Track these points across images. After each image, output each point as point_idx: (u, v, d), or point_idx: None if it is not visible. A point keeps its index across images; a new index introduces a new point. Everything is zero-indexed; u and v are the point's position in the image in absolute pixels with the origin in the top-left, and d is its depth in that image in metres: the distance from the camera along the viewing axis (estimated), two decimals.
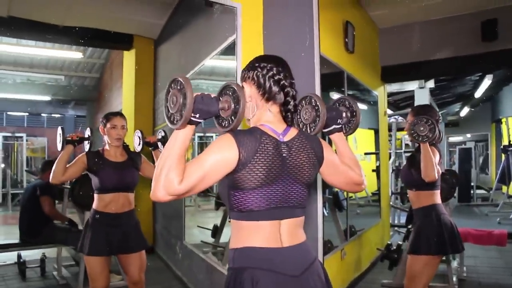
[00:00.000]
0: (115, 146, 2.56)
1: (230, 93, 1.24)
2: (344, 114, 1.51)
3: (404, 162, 6.37)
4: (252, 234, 1.22)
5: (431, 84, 6.43)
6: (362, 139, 8.08)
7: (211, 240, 4.37)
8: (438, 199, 2.47)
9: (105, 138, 2.58)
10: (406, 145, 8.84)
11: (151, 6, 4.61)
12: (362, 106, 5.42)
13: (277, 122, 1.31)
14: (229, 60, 2.89)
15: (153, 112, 5.30)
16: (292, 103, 1.31)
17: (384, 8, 4.50)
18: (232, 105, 1.23)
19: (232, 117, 1.23)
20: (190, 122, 1.16)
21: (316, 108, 1.41)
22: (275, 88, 1.30)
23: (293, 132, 1.30)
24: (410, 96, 7.74)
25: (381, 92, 5.09)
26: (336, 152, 1.48)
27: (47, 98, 11.32)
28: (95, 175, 2.49)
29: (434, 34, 4.63)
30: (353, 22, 3.65)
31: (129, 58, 5.74)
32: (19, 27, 4.53)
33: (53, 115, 13.38)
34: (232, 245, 1.26)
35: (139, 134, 2.78)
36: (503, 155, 8.53)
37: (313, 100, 1.42)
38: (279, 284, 1.19)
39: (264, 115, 1.32)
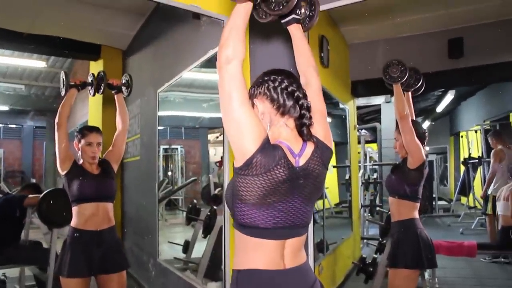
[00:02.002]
0: (91, 163, 2.45)
1: None
2: (303, 10, 1.50)
3: (374, 175, 6.50)
4: (257, 254, 1.17)
5: None
6: None
7: (182, 255, 4.28)
8: (416, 213, 2.52)
9: (80, 154, 2.46)
10: (370, 157, 9.02)
11: (121, 16, 4.51)
12: (329, 120, 5.50)
13: (294, 139, 1.26)
14: (210, 73, 2.85)
15: None
16: (307, 115, 1.26)
17: (354, 24, 4.58)
18: None
19: (285, 2, 1.29)
20: None
21: None
22: (289, 101, 1.26)
23: (309, 149, 1.25)
24: (375, 110, 7.94)
25: (351, 106, 5.17)
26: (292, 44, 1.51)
27: (4, 108, 10.84)
28: (74, 182, 2.37)
29: (403, 51, 4.76)
30: (327, 36, 3.69)
31: (96, 68, 5.57)
32: None
33: (10, 125, 12.82)
34: (236, 265, 1.21)
35: (100, 74, 2.77)
36: (462, 168, 8.83)
37: None
38: None
39: (281, 131, 1.27)
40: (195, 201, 5.00)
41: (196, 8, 2.23)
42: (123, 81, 2.75)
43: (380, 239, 4.10)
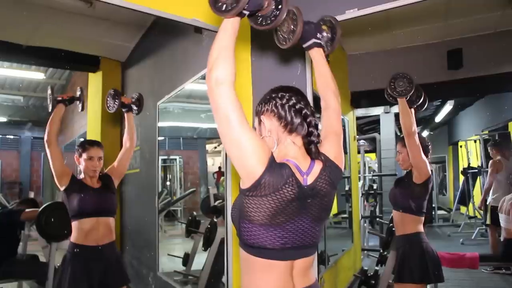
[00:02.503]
0: (91, 176, 2.43)
1: None
2: (325, 33, 1.48)
3: (375, 186, 6.47)
4: (265, 275, 1.15)
5: (396, 109, 6.59)
6: None
7: (181, 268, 4.24)
8: (421, 227, 2.49)
9: (80, 168, 2.44)
10: (369, 167, 9.00)
11: (120, 29, 4.52)
12: None
13: (301, 157, 1.23)
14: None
15: (120, 136, 5.14)
16: (315, 133, 1.24)
17: (353, 35, 4.59)
18: (273, 3, 1.22)
19: (273, 16, 1.23)
20: (240, 14, 1.14)
21: (294, 18, 1.37)
22: (297, 119, 1.23)
23: (317, 168, 1.23)
24: (374, 120, 7.92)
25: (350, 117, 5.17)
26: (313, 67, 1.49)
27: (3, 119, 10.82)
28: (74, 197, 2.34)
29: (402, 62, 4.76)
30: None
31: (95, 80, 5.57)
32: None
33: (7, 136, 12.79)
34: (244, 287, 1.19)
35: (112, 92, 2.71)
36: (461, 177, 8.81)
37: (292, 11, 1.38)
38: None
39: (289, 149, 1.24)
40: (194, 213, 4.97)
41: (198, 22, 2.22)
42: (133, 99, 2.72)
43: (381, 250, 4.07)
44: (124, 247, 4.93)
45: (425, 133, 11.57)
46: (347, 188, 5.52)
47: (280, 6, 1.21)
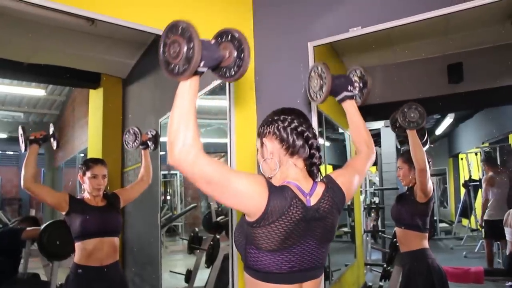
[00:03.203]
0: (95, 195, 2.41)
1: (229, 39, 1.12)
2: (356, 84, 1.48)
3: (374, 199, 6.46)
4: None
5: None
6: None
7: (184, 285, 4.20)
8: (426, 243, 2.48)
9: (84, 186, 2.43)
10: (370, 180, 8.96)
11: (121, 46, 4.53)
12: (326, 144, 5.52)
13: (303, 179, 1.24)
14: (214, 100, 2.87)
15: (122, 153, 5.13)
16: (317, 155, 1.26)
17: (353, 51, 4.61)
18: (234, 52, 1.11)
19: (236, 66, 1.12)
20: (195, 72, 1.06)
21: (322, 75, 1.37)
22: (299, 141, 1.24)
23: (319, 189, 1.24)
24: (374, 134, 7.92)
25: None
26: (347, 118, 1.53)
27: (3, 135, 10.81)
28: (76, 219, 2.30)
29: (402, 77, 4.78)
30: (328, 63, 3.70)
31: (95, 96, 5.58)
32: None
33: (7, 152, 12.76)
34: None
35: (137, 131, 2.67)
36: (462, 189, 8.79)
37: (319, 68, 1.38)
38: None
39: (290, 171, 1.24)
40: (196, 229, 4.93)
41: None
42: (149, 136, 2.71)
43: (385, 265, 4.03)
44: (126, 264, 4.88)
45: (425, 146, 11.54)
46: (349, 203, 5.50)
47: (242, 55, 1.11)
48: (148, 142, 2.75)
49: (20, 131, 2.52)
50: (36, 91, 7.46)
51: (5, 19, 3.75)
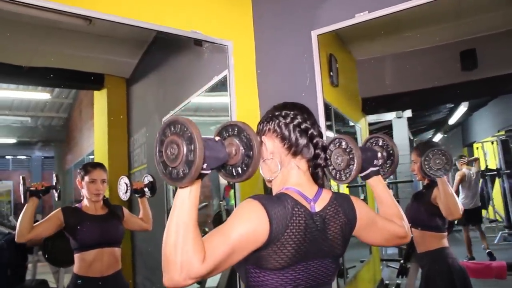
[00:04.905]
0: (95, 201, 2.30)
1: (235, 133, 0.99)
2: (379, 155, 1.31)
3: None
4: None
5: (408, 113, 6.42)
6: None
7: (196, 286, 4.11)
8: (445, 242, 2.33)
9: (83, 192, 2.32)
10: None
11: (122, 45, 4.44)
12: None
13: (306, 184, 1.09)
14: (215, 96, 2.76)
15: (128, 154, 5.05)
16: (322, 155, 1.11)
17: (361, 40, 4.46)
18: (242, 149, 0.98)
19: (244, 165, 0.98)
20: (199, 176, 0.91)
21: (349, 150, 1.20)
22: (302, 140, 1.09)
23: (325, 196, 1.09)
24: (386, 126, 7.74)
25: (362, 124, 5.02)
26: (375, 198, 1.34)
27: (12, 140, 10.85)
28: (74, 232, 2.20)
29: (412, 65, 4.61)
30: (335, 55, 3.56)
31: (100, 98, 5.49)
32: None
33: (18, 157, 12.84)
34: None
35: (126, 181, 2.55)
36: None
37: (343, 142, 1.21)
38: None
39: (291, 175, 1.10)
40: (206, 229, 4.84)
41: (197, 34, 2.11)
42: (146, 182, 2.60)
43: (402, 261, 3.89)
44: (136, 268, 4.80)
45: (438, 136, 11.32)
46: (362, 197, 5.36)
47: (251, 153, 0.97)
48: (144, 189, 2.61)
49: (21, 180, 2.36)
50: (41, 95, 7.42)
51: (1, 22, 3.68)
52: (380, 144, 1.37)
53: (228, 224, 0.94)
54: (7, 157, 12.62)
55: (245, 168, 0.99)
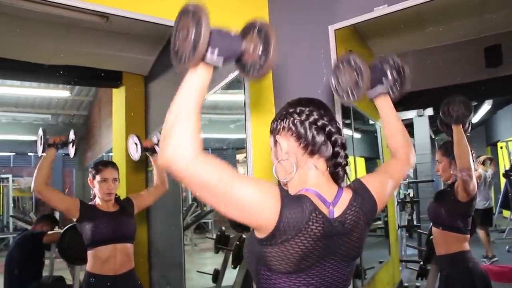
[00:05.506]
0: (107, 200, 2.29)
1: (256, 32, 0.98)
2: (388, 72, 1.25)
3: (408, 192, 6.20)
4: None
5: (430, 111, 6.29)
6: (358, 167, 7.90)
7: (211, 285, 4.11)
8: (467, 245, 2.23)
9: (95, 191, 2.31)
10: None
11: (140, 42, 4.45)
12: (356, 135, 5.29)
13: (325, 185, 1.03)
14: (233, 94, 2.72)
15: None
16: (342, 153, 1.04)
17: (381, 35, 4.37)
18: (260, 47, 0.97)
19: (261, 63, 0.97)
20: (207, 61, 0.93)
21: (356, 67, 1.14)
22: (319, 137, 1.03)
23: (345, 197, 1.02)
24: (407, 124, 7.61)
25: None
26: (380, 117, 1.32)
27: (34, 137, 11.05)
28: (87, 225, 2.20)
29: (434, 61, 4.50)
30: (355, 51, 3.49)
31: (118, 95, 5.52)
32: (2, 67, 4.32)
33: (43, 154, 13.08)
34: None
35: (136, 140, 2.56)
36: (502, 179, 8.37)
37: (351, 59, 1.15)
38: None
39: (308, 176, 1.03)
40: (223, 228, 4.82)
41: None
42: (156, 141, 2.60)
43: (421, 263, 3.80)
44: (152, 266, 4.82)
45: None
46: None
47: (268, 50, 0.96)
48: (154, 147, 2.60)
49: (40, 132, 2.48)
50: (62, 92, 7.53)
51: (21, 21, 3.72)
52: (390, 63, 1.30)
53: (243, 175, 0.90)
54: (29, 154, 12.86)
55: (259, 68, 0.97)
